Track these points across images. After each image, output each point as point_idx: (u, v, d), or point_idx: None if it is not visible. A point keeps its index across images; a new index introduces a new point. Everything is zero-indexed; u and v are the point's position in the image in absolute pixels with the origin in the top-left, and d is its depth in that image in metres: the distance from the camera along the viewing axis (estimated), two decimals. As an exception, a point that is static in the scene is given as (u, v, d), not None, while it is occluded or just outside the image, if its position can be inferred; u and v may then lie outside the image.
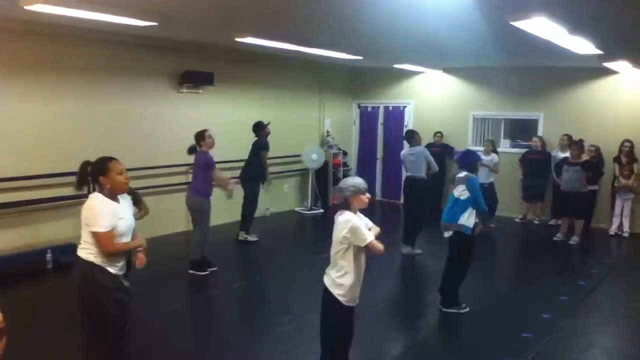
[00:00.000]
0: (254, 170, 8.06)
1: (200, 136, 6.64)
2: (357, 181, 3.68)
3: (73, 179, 6.78)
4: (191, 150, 6.72)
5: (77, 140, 7.12)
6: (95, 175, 3.51)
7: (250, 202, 8.11)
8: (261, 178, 8.16)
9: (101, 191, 3.49)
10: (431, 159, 7.58)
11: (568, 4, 4.53)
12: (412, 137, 7.80)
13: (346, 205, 3.62)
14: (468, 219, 5.33)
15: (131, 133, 7.78)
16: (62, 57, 6.92)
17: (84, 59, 7.14)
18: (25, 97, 6.60)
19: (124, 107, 7.67)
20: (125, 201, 3.68)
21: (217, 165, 8.88)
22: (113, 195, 3.51)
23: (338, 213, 3.65)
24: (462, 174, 5.49)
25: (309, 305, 5.66)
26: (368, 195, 3.70)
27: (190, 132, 8.46)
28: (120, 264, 3.54)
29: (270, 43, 7.25)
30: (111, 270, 3.46)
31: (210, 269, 6.61)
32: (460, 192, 5.38)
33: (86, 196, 6.89)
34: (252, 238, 8.13)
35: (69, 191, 6.96)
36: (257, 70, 9.64)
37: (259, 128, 8.24)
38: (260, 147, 8.13)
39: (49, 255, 6.61)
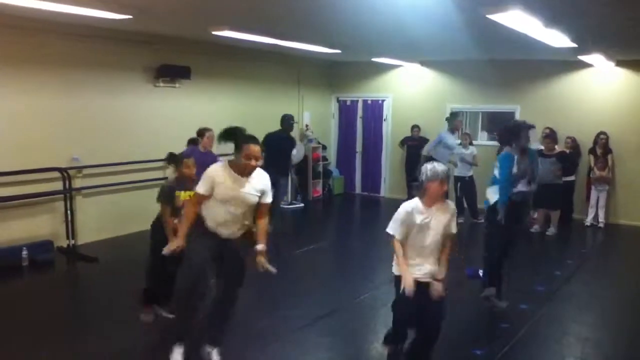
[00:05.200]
0: None
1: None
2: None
3: (48, 175, 6.83)
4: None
5: (50, 135, 7.01)
6: (236, 145, 3.78)
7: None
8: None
9: (232, 160, 3.81)
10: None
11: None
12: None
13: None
14: (491, 193, 5.18)
15: (106, 128, 7.67)
16: (34, 51, 6.78)
17: (57, 53, 7.01)
18: (-3, 92, 6.48)
19: (98, 102, 7.55)
20: (257, 180, 3.87)
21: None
22: (239, 169, 3.77)
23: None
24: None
25: (284, 301, 5.66)
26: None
27: (167, 127, 8.45)
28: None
29: (248, 36, 7.20)
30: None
31: None
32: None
33: (62, 193, 6.74)
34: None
35: (44, 188, 6.88)
36: (234, 64, 9.57)
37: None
38: None
39: (24, 253, 6.50)
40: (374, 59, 10.57)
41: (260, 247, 3.91)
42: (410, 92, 11.40)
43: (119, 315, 5.02)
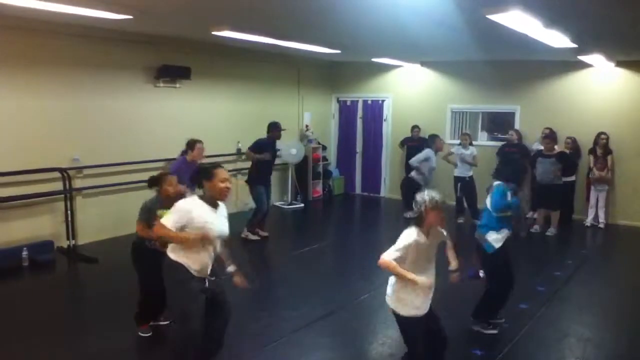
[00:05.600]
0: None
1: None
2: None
3: (48, 175, 6.83)
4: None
5: (51, 135, 7.01)
6: (201, 179, 3.63)
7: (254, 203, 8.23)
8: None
9: (202, 195, 3.63)
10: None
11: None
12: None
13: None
14: (496, 238, 4.78)
15: (107, 128, 7.68)
16: (35, 52, 6.78)
17: (58, 53, 7.02)
18: (-3, 92, 6.47)
19: (99, 102, 7.56)
20: (223, 209, 3.76)
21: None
22: (212, 201, 3.62)
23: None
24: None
25: (284, 301, 5.66)
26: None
27: (167, 127, 8.44)
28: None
29: (248, 36, 7.19)
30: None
31: None
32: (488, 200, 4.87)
33: (62, 193, 6.70)
34: (252, 237, 8.05)
35: (44, 188, 6.88)
36: (235, 65, 9.58)
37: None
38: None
39: (25, 253, 6.51)
40: (374, 59, 10.57)
41: (232, 267, 3.90)
42: (411, 92, 11.40)
43: (119, 315, 5.01)
